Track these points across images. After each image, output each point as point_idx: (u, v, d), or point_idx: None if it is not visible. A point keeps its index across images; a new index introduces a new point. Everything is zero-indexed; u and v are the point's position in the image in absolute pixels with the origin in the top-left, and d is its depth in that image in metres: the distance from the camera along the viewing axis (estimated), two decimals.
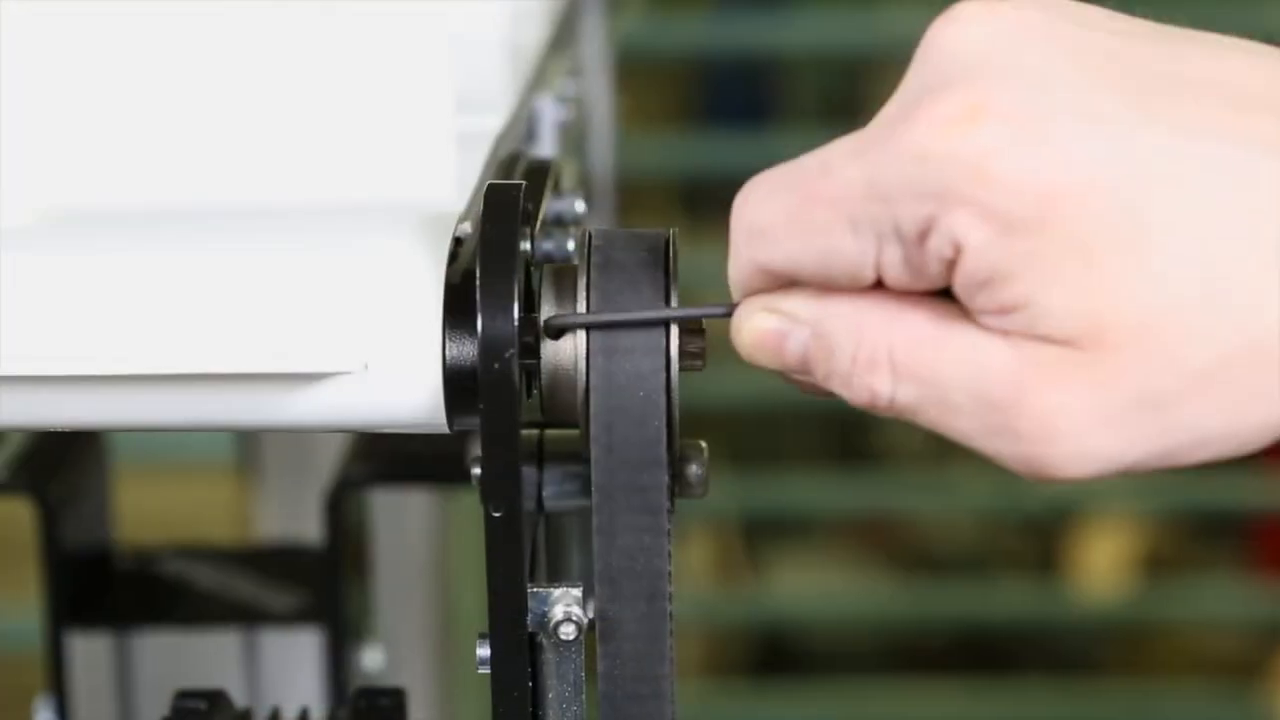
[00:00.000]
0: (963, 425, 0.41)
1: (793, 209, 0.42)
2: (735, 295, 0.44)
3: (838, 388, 0.42)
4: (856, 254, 0.41)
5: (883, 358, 0.41)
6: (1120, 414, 0.40)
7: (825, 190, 0.42)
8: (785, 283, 0.43)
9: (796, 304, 0.42)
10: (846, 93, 2.03)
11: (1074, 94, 0.40)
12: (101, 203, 0.49)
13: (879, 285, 0.42)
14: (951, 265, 0.40)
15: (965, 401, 0.41)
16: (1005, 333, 0.41)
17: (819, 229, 0.41)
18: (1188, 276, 0.40)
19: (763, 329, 0.43)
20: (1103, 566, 1.80)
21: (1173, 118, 0.40)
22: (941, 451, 1.84)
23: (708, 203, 2.02)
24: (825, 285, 0.42)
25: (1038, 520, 1.81)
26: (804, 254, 0.42)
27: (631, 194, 1.36)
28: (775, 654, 1.83)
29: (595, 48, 0.96)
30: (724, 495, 1.68)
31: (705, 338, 0.45)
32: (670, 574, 0.44)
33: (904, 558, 1.82)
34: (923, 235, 0.40)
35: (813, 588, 1.80)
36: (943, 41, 0.42)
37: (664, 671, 0.44)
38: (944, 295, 0.42)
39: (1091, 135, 0.40)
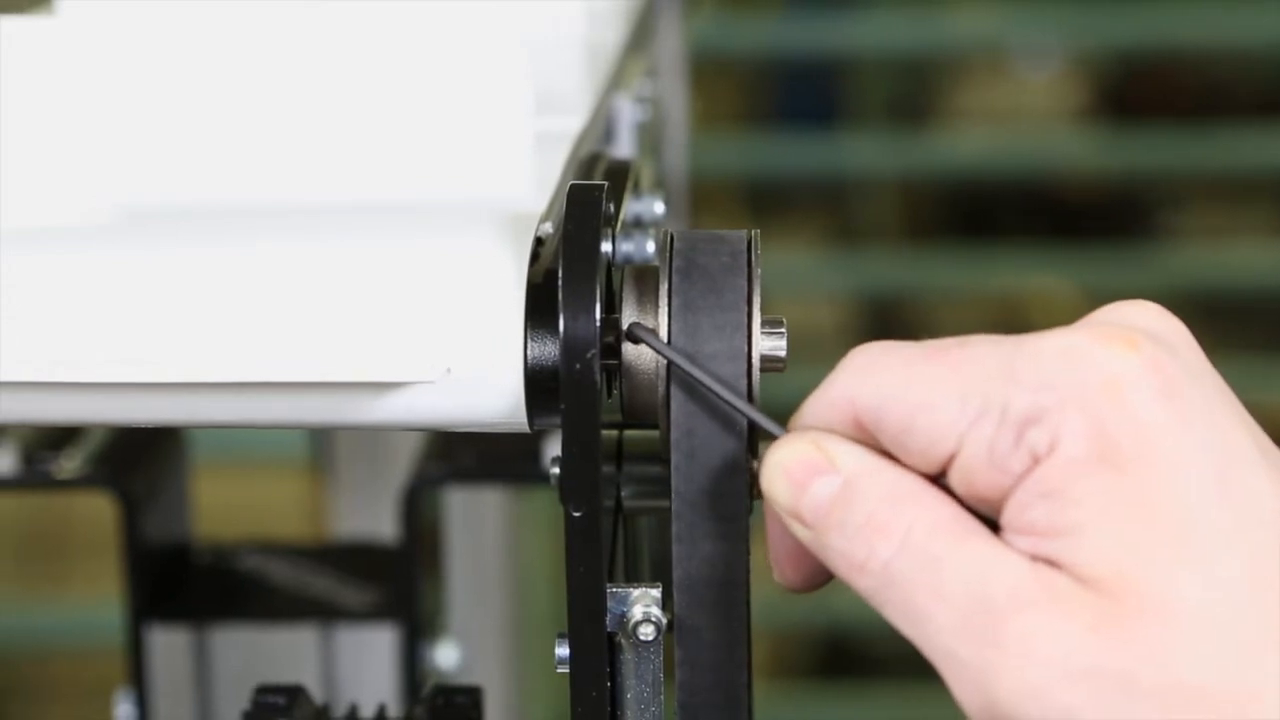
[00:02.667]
0: (940, 616, 0.40)
1: (913, 357, 0.42)
2: (797, 422, 0.43)
3: (833, 539, 0.42)
4: (951, 419, 0.41)
5: (899, 527, 0.41)
6: (1096, 675, 0.39)
7: (955, 353, 0.42)
8: (853, 431, 0.42)
9: (843, 450, 0.42)
10: (915, 95, 2.03)
11: (1213, 394, 0.41)
12: (178, 203, 0.49)
13: (932, 479, 0.42)
14: (1033, 466, 0.40)
15: (959, 594, 0.40)
16: (1033, 556, 0.40)
17: (929, 380, 0.41)
18: (1238, 597, 0.40)
19: (799, 458, 0.42)
20: None
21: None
22: None
23: (774, 203, 2.01)
24: (895, 443, 0.42)
25: None
26: (901, 398, 0.42)
27: (699, 194, 1.36)
28: (839, 657, 1.83)
29: (670, 48, 0.96)
30: None
31: (786, 340, 0.44)
32: (749, 582, 0.44)
33: None
34: (1027, 423, 0.40)
35: None
36: (1122, 311, 0.43)
37: (742, 680, 0.44)
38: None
39: (1216, 433, 0.41)
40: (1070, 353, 0.41)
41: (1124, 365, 0.41)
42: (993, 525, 0.42)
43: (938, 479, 0.42)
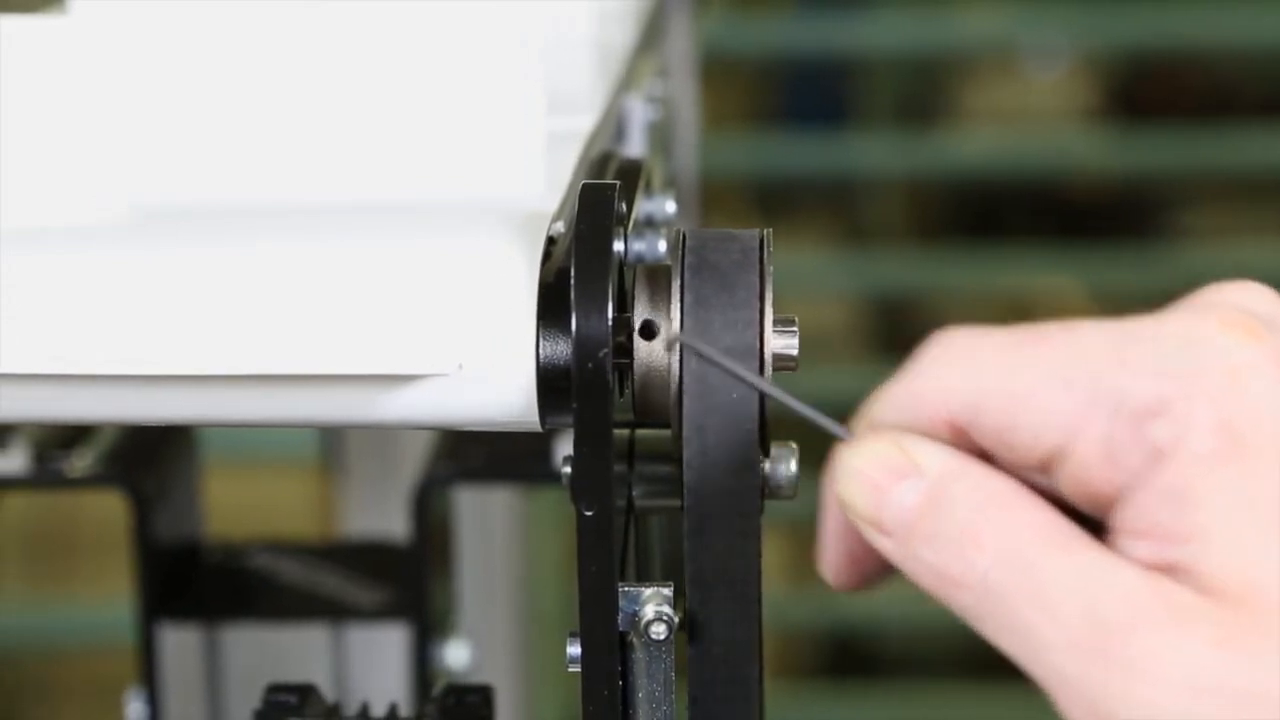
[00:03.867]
0: (1048, 633, 0.38)
1: (1013, 342, 0.39)
2: (866, 420, 0.41)
3: (922, 551, 0.39)
4: (1055, 410, 0.38)
5: (996, 536, 0.38)
6: (1222, 692, 0.37)
7: (1058, 338, 0.39)
8: (941, 429, 0.40)
9: (928, 451, 0.39)
10: (924, 95, 2.03)
11: None
12: (192, 200, 0.50)
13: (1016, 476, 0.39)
14: (1153, 462, 0.38)
15: (1070, 610, 0.37)
16: (1152, 563, 0.38)
17: (1031, 368, 0.39)
18: None
19: (880, 461, 0.39)
20: None
21: None
22: None
23: (782, 202, 2.01)
24: (996, 439, 0.39)
25: None
26: (1002, 389, 0.39)
27: (708, 194, 1.36)
28: (848, 656, 1.83)
29: (680, 48, 0.96)
30: (800, 496, 1.67)
31: (798, 339, 0.45)
32: (760, 578, 0.44)
33: None
34: (1146, 414, 0.38)
35: (886, 591, 1.79)
36: (1231, 295, 0.40)
37: (754, 675, 0.44)
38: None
39: None
40: (1191, 339, 0.38)
41: (1249, 354, 0.38)
42: (1094, 527, 0.39)
43: (1034, 478, 0.39)
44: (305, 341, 0.44)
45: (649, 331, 0.44)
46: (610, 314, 0.42)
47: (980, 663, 1.77)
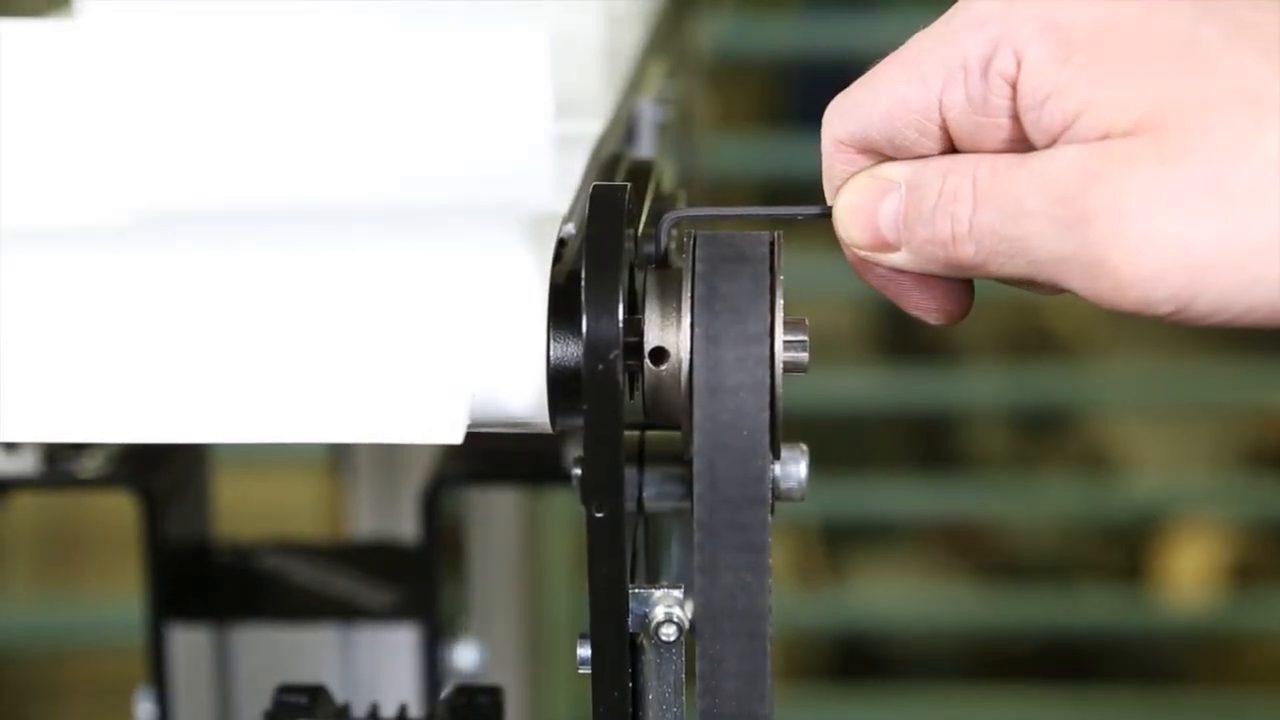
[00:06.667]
0: (1034, 228, 0.42)
1: (866, 78, 0.45)
2: (829, 194, 0.47)
3: (921, 233, 0.44)
4: (920, 99, 0.44)
5: (966, 185, 0.43)
6: (1189, 196, 0.40)
7: (899, 53, 0.45)
8: (870, 158, 0.45)
9: (891, 167, 0.45)
10: None
11: None
12: (202, 203, 0.50)
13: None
14: (1014, 89, 0.43)
15: (1039, 203, 0.42)
16: (1073, 143, 0.42)
17: (886, 83, 0.45)
18: (1257, 68, 0.41)
19: (860, 192, 0.45)
20: (1190, 574, 1.78)
21: None
22: (1027, 456, 1.83)
23: (792, 203, 2.01)
24: (896, 149, 0.45)
25: (1124, 527, 1.79)
26: (873, 112, 0.45)
27: (718, 195, 1.36)
28: (855, 659, 1.83)
29: (690, 50, 0.96)
30: (806, 498, 1.67)
31: (808, 349, 0.45)
32: (771, 611, 0.44)
33: (987, 564, 1.81)
34: (987, 61, 0.43)
35: (894, 593, 1.79)
36: None
37: (764, 711, 0.44)
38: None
39: None
40: None
41: None
42: None
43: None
44: (311, 350, 0.44)
45: (660, 357, 0.44)
46: (621, 316, 0.42)
47: (988, 666, 1.77)
